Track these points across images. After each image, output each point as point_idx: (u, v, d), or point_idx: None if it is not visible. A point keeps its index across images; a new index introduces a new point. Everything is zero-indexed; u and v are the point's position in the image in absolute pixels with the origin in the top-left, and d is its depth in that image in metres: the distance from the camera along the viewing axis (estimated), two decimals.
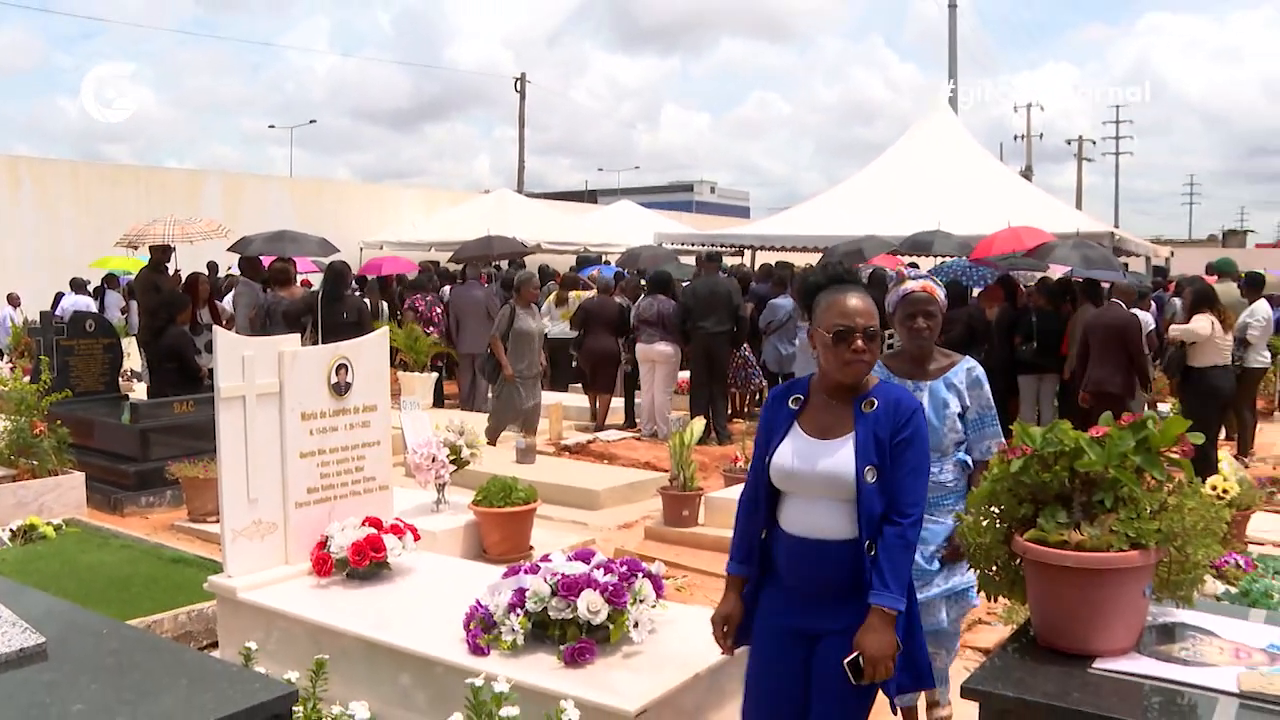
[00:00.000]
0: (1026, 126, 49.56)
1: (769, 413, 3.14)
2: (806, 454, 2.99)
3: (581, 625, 3.80)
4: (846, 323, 2.94)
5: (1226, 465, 6.27)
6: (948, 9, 32.11)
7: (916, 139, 20.32)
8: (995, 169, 20.77)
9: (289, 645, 4.35)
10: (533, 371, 10.12)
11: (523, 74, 40.56)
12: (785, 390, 3.18)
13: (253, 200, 24.21)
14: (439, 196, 30.69)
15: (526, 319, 10.04)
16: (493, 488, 6.46)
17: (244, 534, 4.67)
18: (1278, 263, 28.27)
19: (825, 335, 2.97)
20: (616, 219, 27.83)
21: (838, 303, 2.98)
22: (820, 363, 3.05)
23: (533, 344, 10.03)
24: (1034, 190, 21.48)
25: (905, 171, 18.81)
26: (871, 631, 2.86)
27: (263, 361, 4.71)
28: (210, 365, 4.84)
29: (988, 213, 15.00)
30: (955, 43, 31.84)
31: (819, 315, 3.00)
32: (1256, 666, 2.65)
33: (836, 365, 2.98)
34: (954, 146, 19.73)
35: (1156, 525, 2.73)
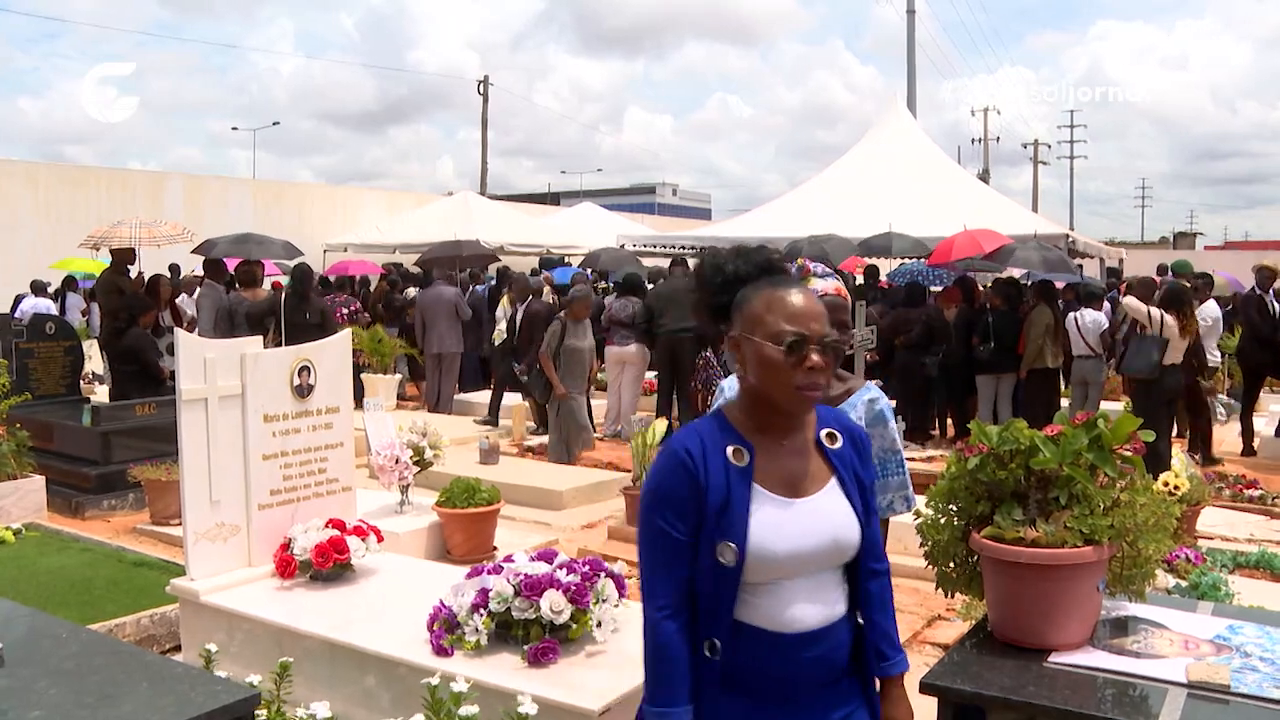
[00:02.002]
0: (983, 130, 50.03)
1: (688, 482, 2.14)
2: (795, 523, 2.17)
3: (545, 625, 3.82)
4: (798, 329, 2.13)
5: (1178, 462, 6.38)
6: (906, 15, 32.32)
7: (875, 142, 20.46)
8: (953, 171, 20.94)
9: (252, 648, 4.34)
10: (583, 386, 9.92)
11: (485, 77, 40.50)
12: (699, 441, 2.19)
13: (214, 202, 24.05)
14: (402, 199, 30.60)
15: (576, 337, 9.75)
16: (456, 489, 6.47)
17: (206, 536, 4.66)
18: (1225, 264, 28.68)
19: (766, 347, 2.13)
20: (579, 221, 27.87)
21: (782, 301, 2.16)
22: (751, 387, 2.22)
23: (584, 361, 9.78)
24: (991, 193, 21.66)
25: (864, 174, 18.93)
26: (901, 703, 2.39)
27: (225, 363, 4.70)
28: (172, 367, 4.84)
29: (946, 215, 15.13)
30: (913, 48, 32.05)
31: (751, 318, 2.17)
32: (1204, 657, 2.72)
33: (784, 389, 2.14)
34: (912, 149, 19.89)
35: (1109, 521, 2.79)
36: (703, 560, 2.14)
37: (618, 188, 72.40)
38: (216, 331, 10.46)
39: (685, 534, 2.14)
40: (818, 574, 2.20)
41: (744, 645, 2.15)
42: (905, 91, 30.49)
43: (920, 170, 18.82)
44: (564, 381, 9.51)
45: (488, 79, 40.34)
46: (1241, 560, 6.37)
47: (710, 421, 2.26)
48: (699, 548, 2.14)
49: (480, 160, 40.37)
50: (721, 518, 2.13)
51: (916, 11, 32.32)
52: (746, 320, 2.18)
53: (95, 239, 12.34)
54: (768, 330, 2.15)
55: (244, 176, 35.19)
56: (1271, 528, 7.62)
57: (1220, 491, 8.46)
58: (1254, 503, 8.39)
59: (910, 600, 5.81)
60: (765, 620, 2.16)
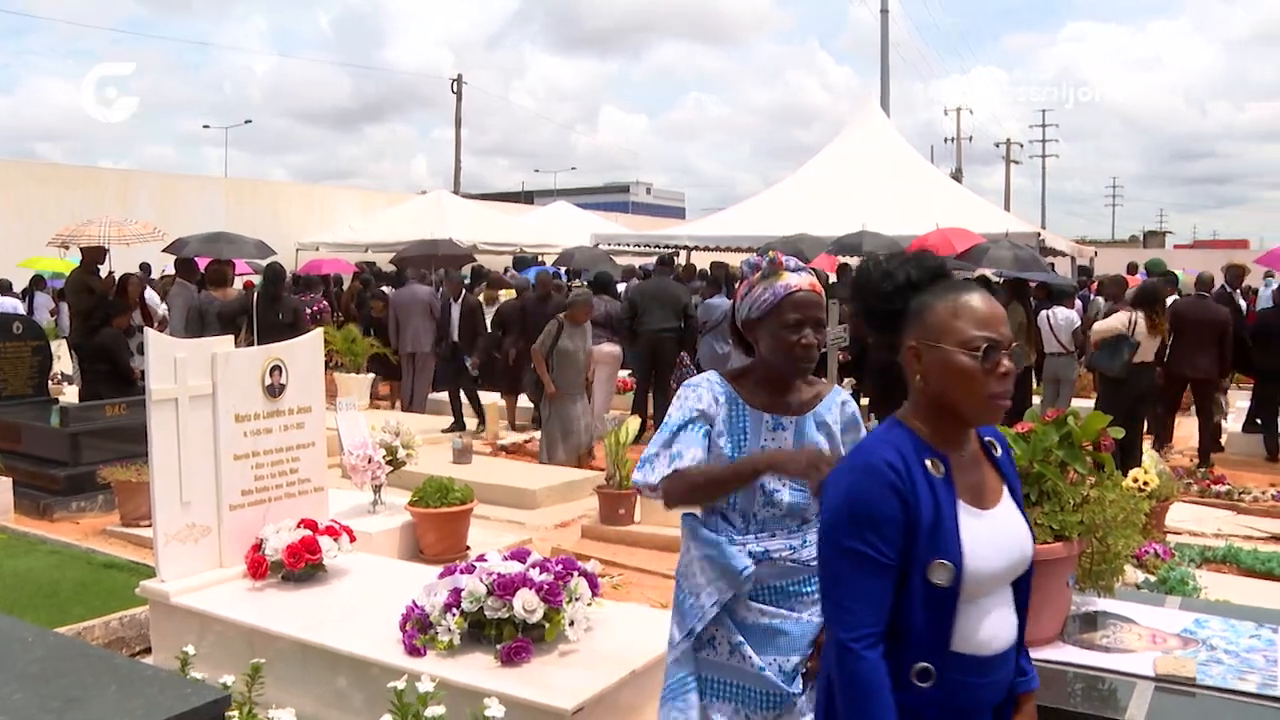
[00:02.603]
0: (956, 129, 50.32)
1: (896, 499, 1.96)
2: (995, 536, 2.04)
3: (518, 624, 3.81)
4: (990, 334, 1.99)
5: (1147, 458, 6.43)
6: (880, 15, 32.45)
7: (849, 141, 20.56)
8: (926, 171, 21.07)
9: (224, 649, 4.31)
10: (577, 389, 9.60)
11: (459, 75, 40.36)
12: (897, 454, 2.01)
13: (186, 201, 23.87)
14: (375, 198, 30.48)
15: (572, 339, 9.49)
16: (429, 488, 6.45)
17: (177, 537, 4.62)
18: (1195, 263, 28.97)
19: (957, 354, 1.99)
20: (553, 220, 27.87)
21: (969, 306, 2.02)
22: (935, 397, 2.06)
23: (577, 364, 9.49)
24: (964, 192, 21.80)
25: (838, 173, 19.02)
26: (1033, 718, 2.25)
27: (195, 363, 4.67)
28: (143, 367, 4.80)
29: (919, 214, 15.22)
30: (887, 48, 32.21)
31: (935, 325, 2.03)
32: (1171, 651, 2.75)
33: (977, 398, 2.00)
34: (886, 149, 20.00)
35: (1079, 517, 2.82)
36: (913, 582, 1.96)
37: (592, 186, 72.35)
38: (187, 331, 10.38)
39: (891, 557, 1.95)
40: (1003, 589, 2.09)
41: (950, 670, 2.01)
42: (879, 91, 30.66)
43: (894, 169, 18.93)
44: (556, 383, 9.35)
45: (461, 77, 40.24)
46: (1209, 555, 6.44)
47: (894, 431, 2.08)
48: (909, 569, 1.96)
49: (454, 159, 40.28)
50: (934, 535, 1.96)
51: (890, 12, 32.51)
52: (929, 328, 2.04)
53: (64, 238, 12.23)
54: (957, 337, 2.00)
55: (216, 175, 34.94)
56: (1238, 523, 7.70)
57: (1189, 487, 8.54)
58: (1221, 498, 8.49)
59: None
60: (965, 642, 2.01)
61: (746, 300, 2.70)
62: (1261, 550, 6.58)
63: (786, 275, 2.66)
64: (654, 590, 6.14)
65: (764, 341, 2.67)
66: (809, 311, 2.65)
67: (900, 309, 2.09)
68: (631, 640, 3.96)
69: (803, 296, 2.65)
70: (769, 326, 2.65)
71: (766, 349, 2.67)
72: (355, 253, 23.28)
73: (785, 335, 2.62)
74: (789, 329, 2.62)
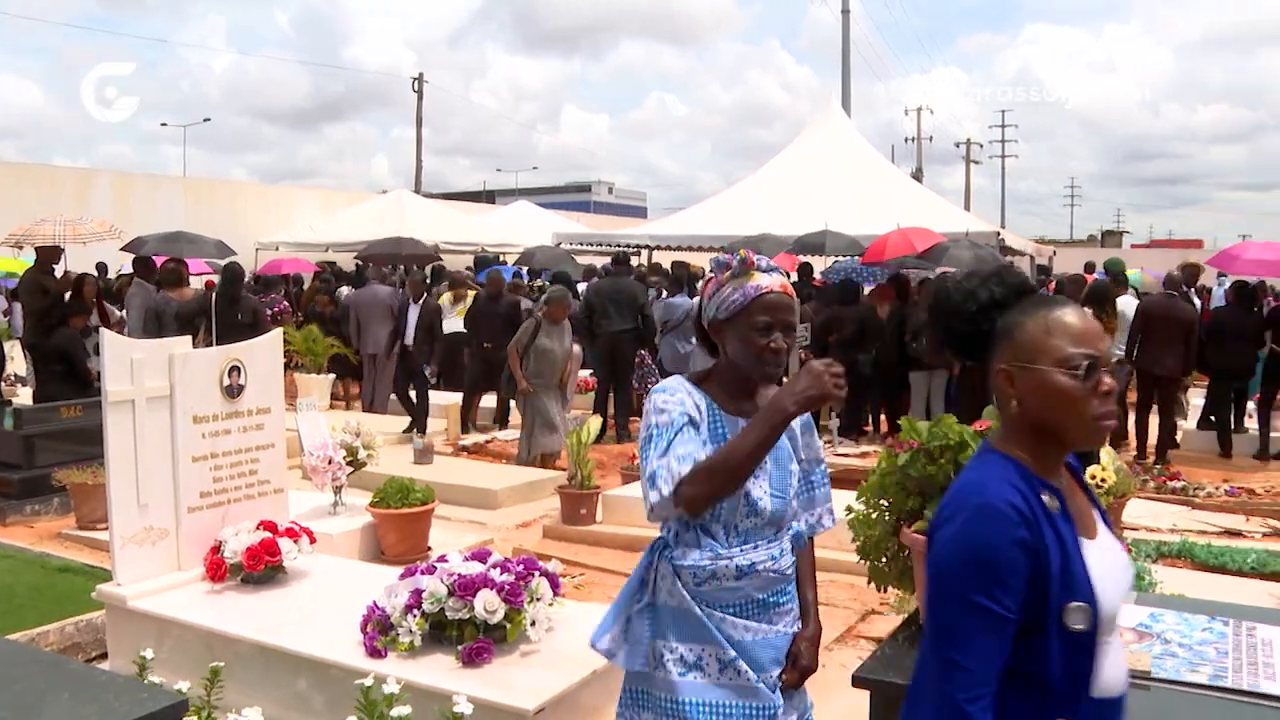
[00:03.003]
0: (917, 129, 50.60)
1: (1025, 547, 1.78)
2: (1112, 570, 1.90)
3: (479, 625, 3.80)
4: (1088, 350, 1.84)
5: (1105, 455, 6.49)
6: (841, 15, 32.62)
7: (810, 141, 20.63)
8: (887, 170, 21.18)
9: (182, 653, 4.27)
10: (551, 385, 9.44)
11: (420, 74, 40.26)
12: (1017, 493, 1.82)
13: (144, 200, 23.64)
14: (336, 197, 30.31)
15: (550, 337, 9.37)
16: (390, 489, 6.42)
17: (134, 540, 4.58)
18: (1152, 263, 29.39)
19: (1054, 375, 1.83)
20: (514, 219, 27.83)
21: (1062, 323, 1.87)
22: (1034, 422, 1.89)
23: (554, 363, 9.37)
24: (924, 191, 21.97)
25: (799, 172, 19.08)
26: None
27: (152, 364, 4.63)
28: (99, 368, 4.75)
29: (879, 213, 15.29)
30: (848, 48, 32.37)
31: (1028, 345, 1.87)
32: (1127, 645, 2.77)
33: (1081, 421, 1.84)
34: (847, 148, 20.09)
35: None
36: (1048, 630, 1.79)
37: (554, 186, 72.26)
38: (145, 332, 10.27)
39: (1014, 611, 1.77)
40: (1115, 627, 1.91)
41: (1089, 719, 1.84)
42: (840, 91, 30.81)
43: (854, 169, 19.01)
44: (532, 381, 9.24)
45: (422, 76, 40.10)
46: (1164, 550, 6.54)
47: (998, 463, 1.89)
48: (1042, 618, 1.78)
49: (415, 158, 40.13)
50: (1065, 577, 1.79)
51: (851, 12, 32.67)
52: (1022, 348, 1.88)
53: (17, 237, 12.09)
54: (1054, 356, 1.84)
55: (175, 174, 34.62)
56: (1193, 518, 7.80)
57: (1145, 484, 8.65)
58: (1176, 494, 8.61)
59: (844, 595, 5.87)
60: (1103, 686, 1.85)
61: (714, 300, 2.56)
62: (1215, 545, 6.68)
63: (757, 275, 2.53)
64: (616, 590, 6.11)
65: (731, 344, 2.54)
66: (779, 314, 2.50)
67: (987, 330, 1.94)
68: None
69: (773, 299, 2.51)
70: (737, 328, 2.51)
71: (733, 351, 2.54)
72: (316, 252, 23.13)
73: (754, 338, 2.48)
74: (758, 332, 2.48)
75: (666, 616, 2.49)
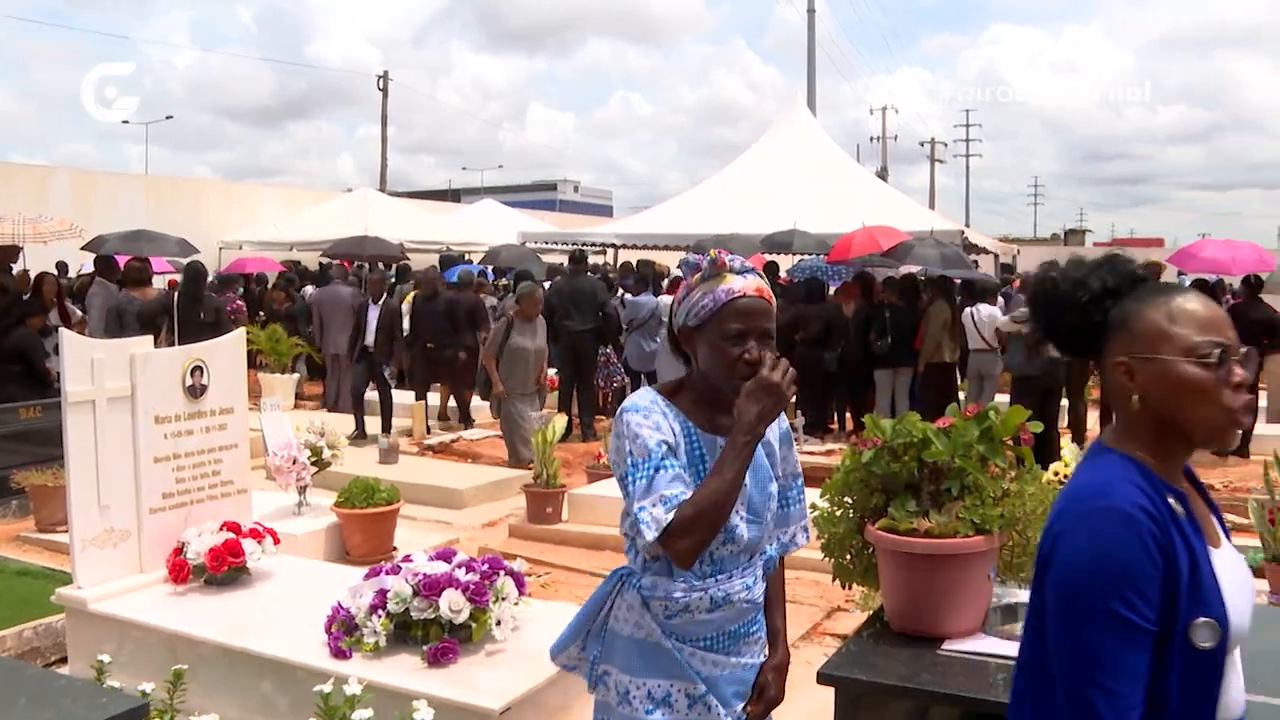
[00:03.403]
0: (882, 129, 50.84)
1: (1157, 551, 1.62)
2: (1239, 582, 1.75)
3: (444, 625, 3.79)
4: (1217, 338, 1.69)
5: (1068, 451, 6.55)
6: (806, 14, 32.74)
7: (776, 140, 20.66)
8: (852, 169, 21.25)
9: (144, 656, 4.23)
10: (527, 390, 9.31)
11: (385, 72, 40.01)
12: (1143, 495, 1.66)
13: (105, 198, 23.34)
14: (300, 196, 30.06)
15: (524, 336, 9.21)
16: (355, 489, 6.39)
17: (95, 543, 4.53)
18: None
19: (1181, 365, 1.68)
20: (480, 218, 27.74)
21: (1184, 309, 1.72)
22: (1156, 418, 1.73)
23: (528, 362, 9.22)
24: (889, 190, 22.07)
25: (764, 171, 19.12)
26: None
27: (113, 364, 4.58)
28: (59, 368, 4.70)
29: (845, 212, 15.34)
30: (813, 47, 32.50)
31: (1149, 334, 1.72)
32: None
33: (1213, 414, 1.68)
34: (812, 147, 20.13)
35: (1000, 511, 2.86)
36: (1172, 647, 1.63)
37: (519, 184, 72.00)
38: (106, 332, 10.17)
39: (1153, 621, 1.61)
40: None
41: None
42: (805, 90, 30.90)
43: (820, 168, 19.06)
44: (506, 383, 9.13)
45: (387, 74, 39.90)
46: None
47: (1119, 464, 1.73)
48: (1168, 633, 1.63)
49: (380, 157, 39.94)
50: (1194, 589, 1.64)
51: (816, 12, 32.79)
52: (1142, 338, 1.72)
53: None
54: (1180, 345, 1.68)
55: (136, 172, 34.25)
56: None
57: None
58: None
59: (810, 593, 5.89)
60: (1226, 709, 1.71)
61: (684, 305, 2.33)
62: None
63: (730, 278, 2.28)
64: (582, 589, 6.13)
65: (702, 353, 2.30)
66: (754, 321, 2.25)
67: (1098, 321, 1.78)
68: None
69: (747, 303, 2.26)
70: (708, 337, 2.27)
71: (704, 362, 2.31)
72: (280, 251, 22.96)
73: (725, 348, 2.24)
74: (730, 341, 2.24)
75: (632, 649, 2.31)
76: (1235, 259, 13.73)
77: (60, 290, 11.54)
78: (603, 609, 2.39)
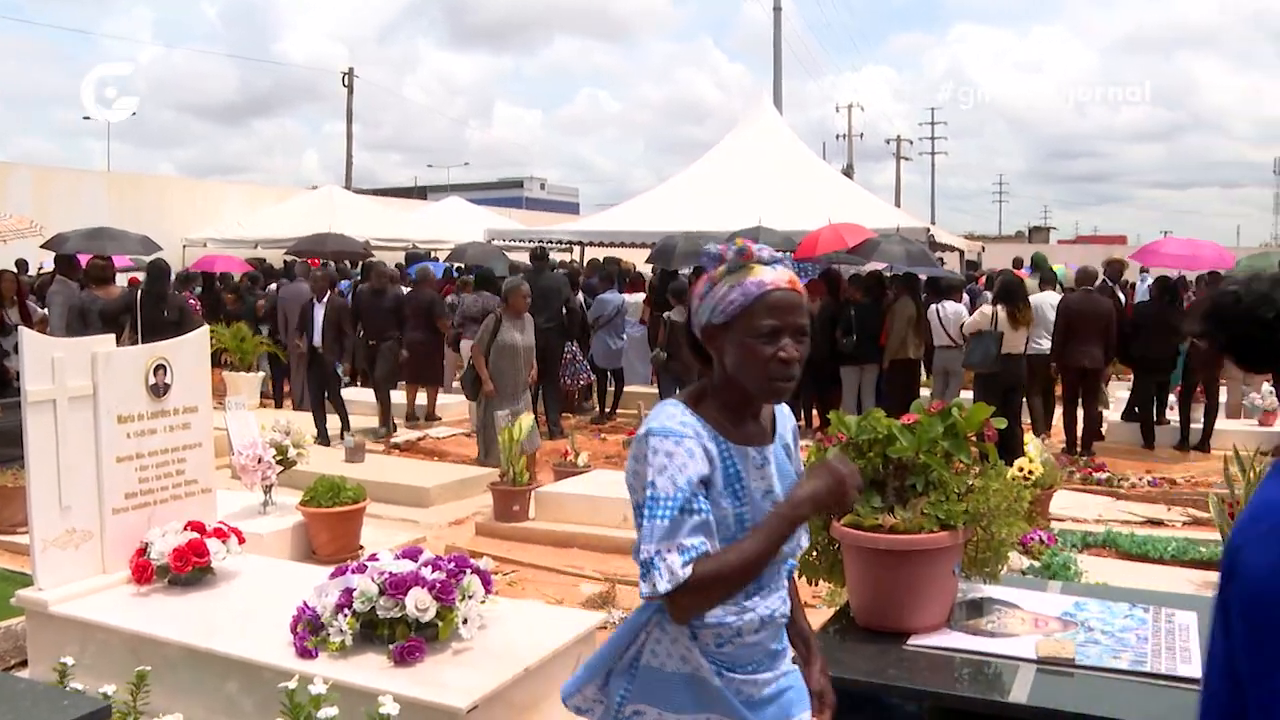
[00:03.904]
0: (848, 126, 51.10)
1: None
2: None
3: (410, 624, 3.78)
4: None
5: (1032, 448, 6.61)
6: (773, 12, 32.80)
7: (742, 137, 20.69)
8: (818, 167, 21.32)
9: (107, 658, 4.19)
10: (518, 387, 8.95)
11: (350, 69, 39.73)
12: None
13: (65, 195, 23.06)
14: (265, 193, 29.84)
15: (512, 331, 8.91)
16: (320, 488, 6.35)
17: (56, 544, 4.48)
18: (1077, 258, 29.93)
19: None
20: (446, 215, 27.67)
21: None
22: None
23: (516, 358, 8.90)
24: (855, 188, 22.13)
25: (731, 169, 19.14)
26: None
27: (74, 363, 4.53)
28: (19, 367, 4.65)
29: (811, 209, 15.39)
30: (780, 45, 32.57)
31: None
32: (1052, 634, 2.84)
33: None
34: (778, 144, 20.18)
35: (964, 507, 2.89)
36: None
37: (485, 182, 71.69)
38: (68, 331, 10.05)
39: None
40: None
41: None
42: (772, 88, 30.97)
43: (786, 166, 19.11)
44: (495, 381, 8.80)
45: (352, 71, 39.65)
46: (1090, 540, 6.67)
47: None
48: None
49: (346, 154, 39.69)
50: None
51: (783, 10, 32.86)
52: None
53: None
54: None
55: (99, 169, 33.88)
56: (1118, 508, 7.97)
57: (1071, 475, 8.82)
58: (1102, 485, 8.79)
59: None
60: None
61: (708, 301, 2.11)
62: (1139, 534, 6.83)
63: (758, 270, 2.09)
64: (549, 586, 6.14)
65: (730, 354, 2.09)
66: (788, 316, 2.07)
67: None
68: (526, 637, 3.96)
69: (780, 297, 2.07)
70: (736, 335, 2.07)
71: (733, 364, 2.09)
72: (245, 249, 22.77)
73: (758, 347, 2.05)
74: (762, 339, 2.05)
75: (676, 684, 2.10)
76: (1197, 256, 13.89)
77: (22, 288, 11.41)
78: (633, 644, 2.15)
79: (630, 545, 2.03)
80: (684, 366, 10.57)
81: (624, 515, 7.03)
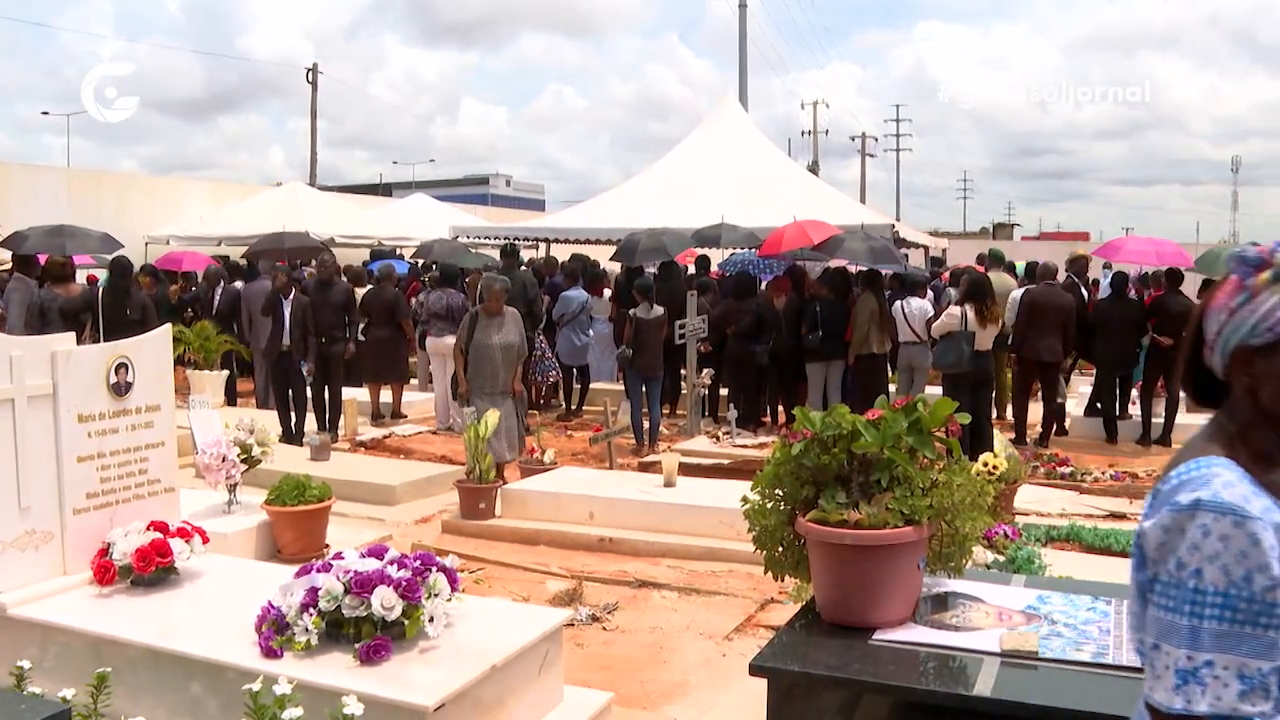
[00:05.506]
0: (813, 123, 51.33)
1: None
2: None
3: (376, 622, 3.76)
4: None
5: (997, 443, 6.67)
6: (739, 9, 32.87)
7: (707, 134, 20.74)
8: (783, 163, 21.39)
9: (68, 662, 4.14)
10: (495, 388, 8.71)
11: (314, 64, 39.39)
12: None
13: (23, 192, 22.77)
14: (228, 189, 29.60)
15: (488, 331, 8.71)
16: (285, 486, 6.31)
17: (15, 545, 4.42)
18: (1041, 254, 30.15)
19: None
20: (411, 212, 27.57)
21: None
22: None
23: (493, 359, 8.66)
24: (820, 184, 22.21)
25: (696, 165, 19.18)
26: None
27: (34, 362, 4.48)
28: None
29: (776, 205, 15.44)
30: (745, 42, 32.65)
31: None
32: (1016, 627, 2.86)
33: None
34: (743, 141, 20.25)
35: (928, 502, 2.90)
36: None
37: (451, 179, 71.43)
38: (27, 329, 9.93)
39: None
40: None
41: None
42: (738, 85, 31.06)
43: (751, 162, 19.17)
44: (471, 381, 8.66)
45: (317, 67, 39.34)
46: (1054, 534, 6.73)
47: None
48: None
49: (310, 150, 39.40)
50: None
51: (749, 7, 32.95)
52: None
53: None
54: None
55: (58, 164, 33.50)
56: (1081, 502, 8.05)
57: (1036, 470, 8.89)
58: (1065, 479, 8.87)
59: (744, 585, 5.93)
60: None
61: (1242, 316, 1.64)
62: (1101, 527, 6.90)
63: None
64: (515, 584, 6.13)
65: (1272, 384, 1.63)
66: None
67: None
68: (492, 635, 3.95)
69: None
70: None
71: (1272, 397, 1.63)
72: (208, 245, 22.57)
73: None
74: None
75: None
76: (1158, 253, 14.05)
77: None
78: None
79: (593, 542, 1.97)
80: (649, 364, 10.60)
81: (589, 512, 7.04)
